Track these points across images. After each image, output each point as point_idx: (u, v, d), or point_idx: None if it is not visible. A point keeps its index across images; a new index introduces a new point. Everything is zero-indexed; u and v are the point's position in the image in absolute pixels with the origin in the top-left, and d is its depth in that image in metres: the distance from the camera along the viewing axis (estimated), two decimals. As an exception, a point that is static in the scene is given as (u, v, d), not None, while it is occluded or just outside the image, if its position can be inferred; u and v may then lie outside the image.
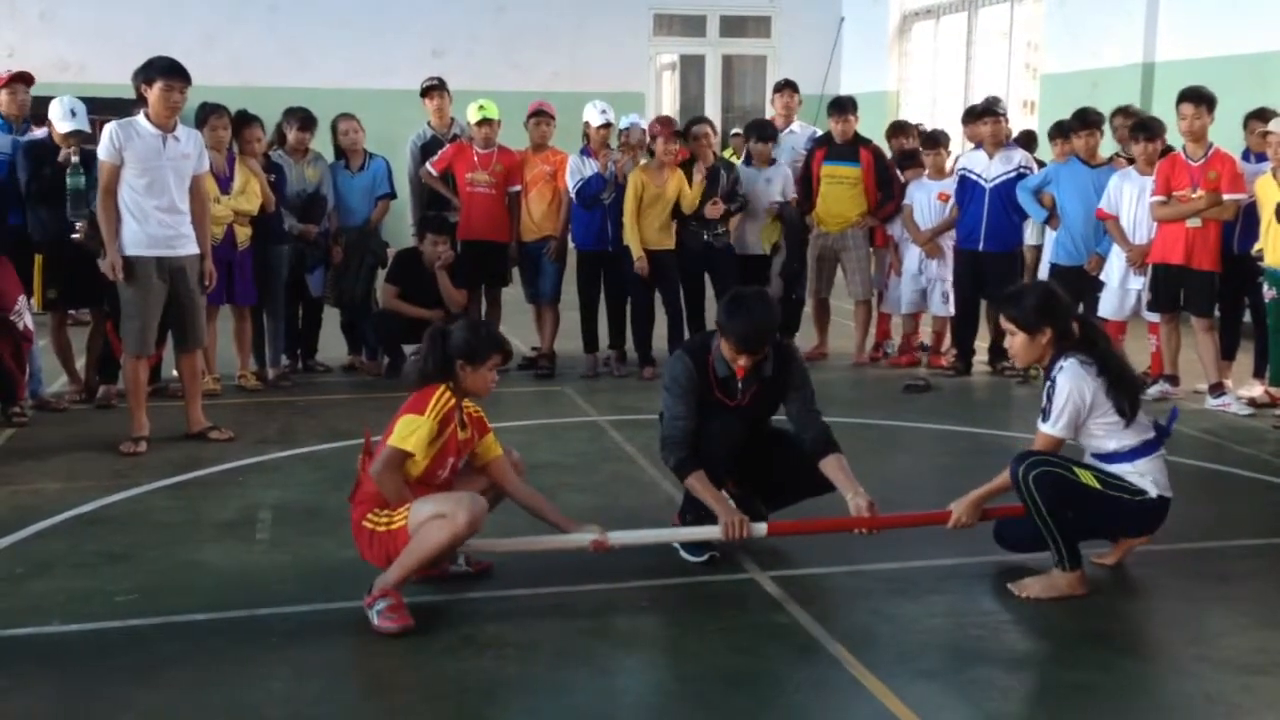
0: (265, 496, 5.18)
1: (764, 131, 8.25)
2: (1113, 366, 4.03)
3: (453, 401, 3.93)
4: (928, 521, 4.34)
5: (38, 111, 7.01)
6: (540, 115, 7.90)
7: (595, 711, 3.25)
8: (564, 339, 8.14)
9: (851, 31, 15.98)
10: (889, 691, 3.33)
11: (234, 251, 7.04)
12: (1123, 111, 8.25)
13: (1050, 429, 4.05)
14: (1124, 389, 4.01)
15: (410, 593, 3.86)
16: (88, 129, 6.53)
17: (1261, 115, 7.22)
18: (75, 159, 6.25)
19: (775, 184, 8.14)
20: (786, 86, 8.85)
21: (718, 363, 4.32)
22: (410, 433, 3.82)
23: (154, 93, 5.66)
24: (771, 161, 8.20)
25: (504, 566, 4.22)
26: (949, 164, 8.29)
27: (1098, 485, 3.99)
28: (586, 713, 3.24)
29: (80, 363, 7.08)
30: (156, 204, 5.75)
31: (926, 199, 8.17)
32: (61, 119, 6.48)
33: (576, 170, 7.68)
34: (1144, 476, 4.05)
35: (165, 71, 5.66)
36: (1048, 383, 4.09)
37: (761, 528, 4.20)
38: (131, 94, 5.85)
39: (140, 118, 5.74)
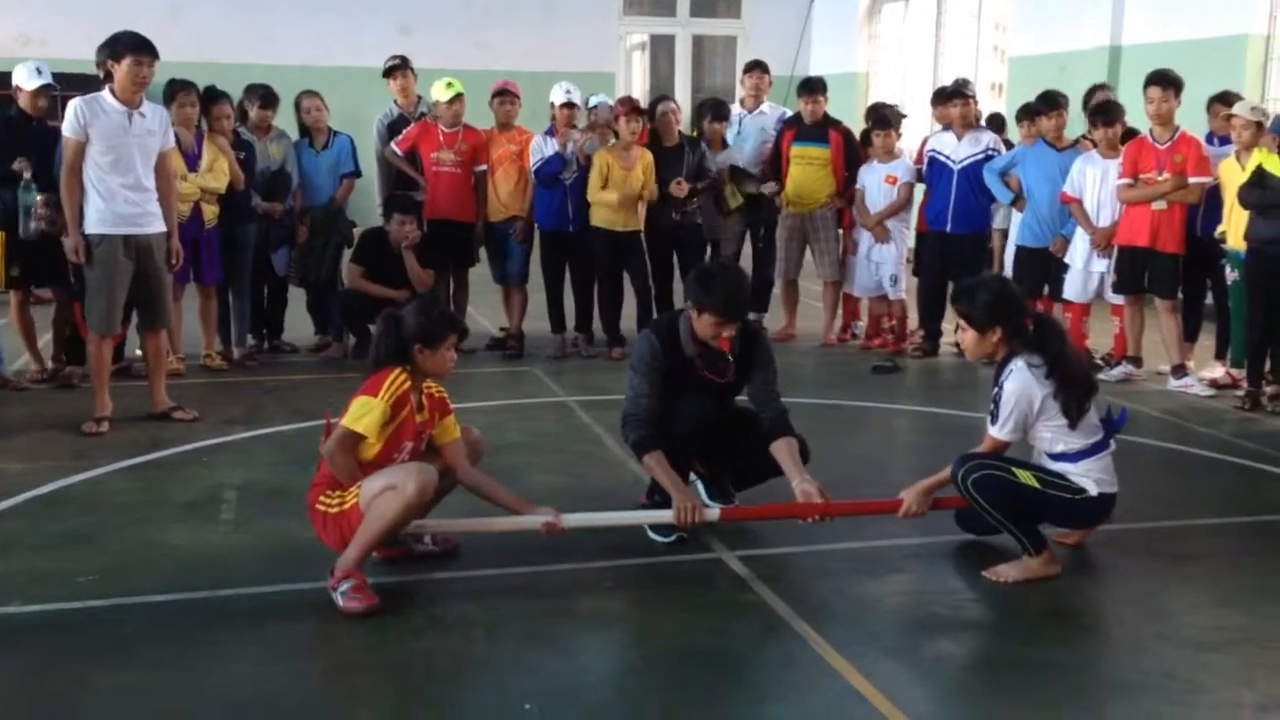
0: (230, 477, 5.15)
1: (719, 111, 8.25)
2: (1062, 368, 4.01)
3: (408, 384, 3.90)
4: (878, 510, 4.36)
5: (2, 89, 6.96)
6: (504, 94, 7.86)
7: (561, 691, 3.26)
8: (533, 319, 8.12)
9: (821, 13, 15.96)
10: (853, 668, 3.35)
11: (201, 230, 6.97)
12: (1101, 88, 8.27)
13: (997, 432, 4.07)
14: (1073, 391, 4.00)
15: (375, 573, 3.86)
16: (56, 86, 6.49)
17: (1225, 99, 7.26)
18: (27, 175, 6.19)
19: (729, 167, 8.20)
20: (756, 67, 8.82)
21: (688, 343, 4.32)
22: (363, 414, 3.81)
23: (122, 68, 5.58)
24: (724, 144, 8.21)
25: (470, 547, 4.21)
26: (901, 145, 8.32)
27: (1037, 485, 4.02)
28: (553, 692, 3.24)
29: (43, 341, 7.00)
30: (122, 181, 5.69)
31: (875, 181, 8.19)
32: (29, 78, 6.45)
33: (538, 150, 7.66)
34: (1086, 477, 4.06)
35: (134, 47, 5.59)
36: (995, 387, 4.11)
37: (715, 513, 4.21)
38: (92, 69, 5.77)
39: (105, 94, 5.66)
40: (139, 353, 6.54)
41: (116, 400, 5.99)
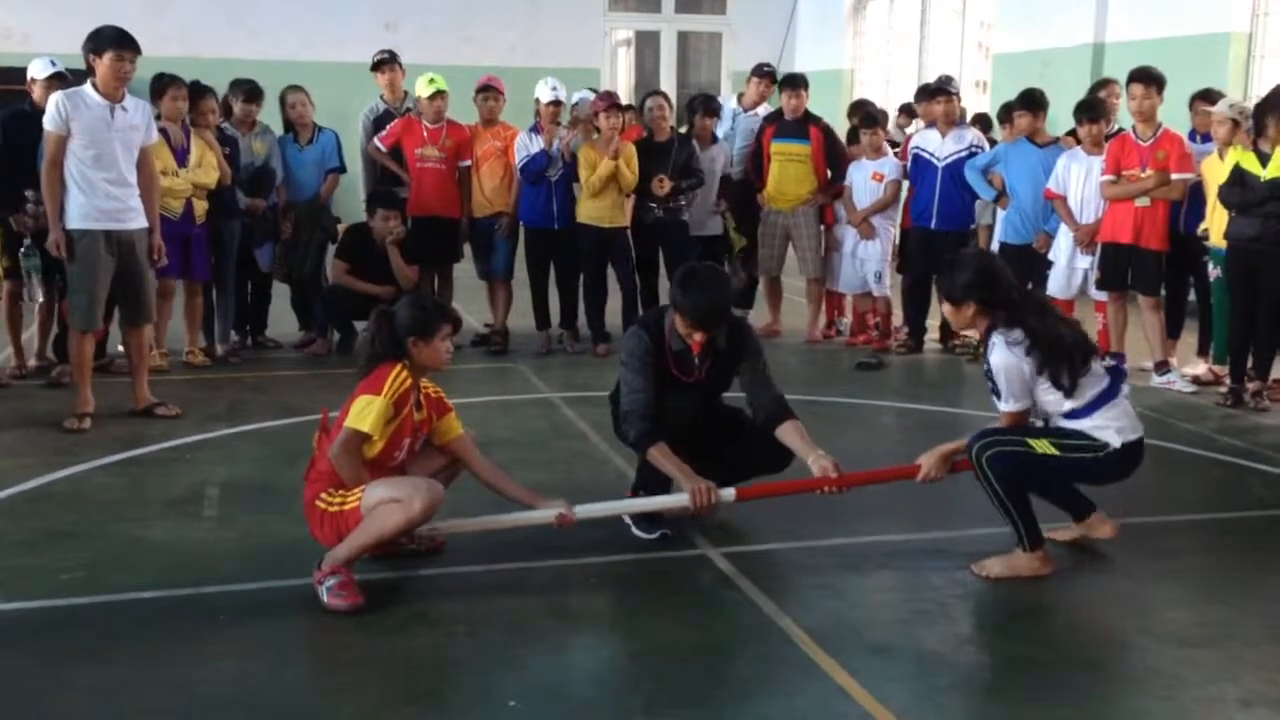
0: (213, 473, 5.12)
1: (709, 105, 8.25)
2: (1043, 341, 3.95)
3: (409, 381, 3.89)
4: (896, 476, 4.30)
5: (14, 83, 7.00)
6: (488, 90, 7.84)
7: (546, 687, 3.25)
8: (518, 316, 8.11)
9: (807, 9, 15.98)
10: (838, 666, 3.35)
11: (192, 226, 6.94)
12: (1106, 84, 8.29)
13: (1007, 406, 4.05)
14: (1058, 361, 3.94)
15: (361, 570, 3.84)
16: (69, 76, 6.50)
17: (1207, 96, 7.30)
18: (28, 240, 6.19)
19: (719, 162, 8.18)
20: (767, 74, 8.81)
21: (672, 338, 4.31)
22: (367, 414, 3.79)
23: (103, 63, 5.55)
24: (714, 139, 8.20)
25: (455, 543, 4.20)
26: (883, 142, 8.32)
27: (1056, 452, 3.97)
28: (538, 689, 3.23)
29: (24, 336, 6.96)
30: (104, 176, 5.65)
31: (862, 179, 8.19)
32: (43, 68, 6.51)
33: (523, 146, 7.65)
34: (1106, 428, 3.99)
35: (115, 42, 5.55)
36: (985, 366, 4.11)
37: (730, 493, 4.14)
38: (78, 63, 5.74)
39: (87, 88, 5.63)
40: (120, 349, 6.50)
41: (99, 396, 5.96)
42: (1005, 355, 3.98)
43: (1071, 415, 4.05)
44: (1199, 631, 3.65)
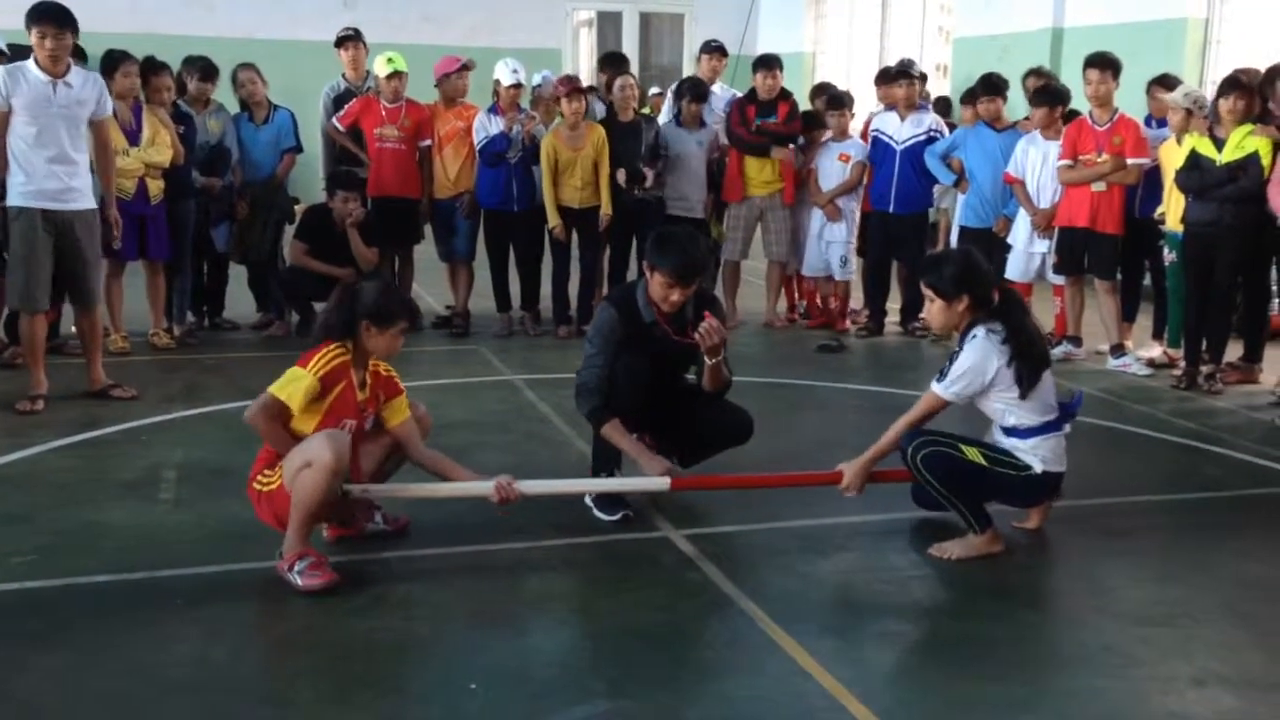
0: (170, 456, 5.07)
1: (698, 90, 8.17)
2: (1021, 338, 4.04)
3: (341, 360, 3.84)
4: (819, 482, 4.38)
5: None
6: (465, 70, 7.76)
7: (508, 670, 3.24)
8: (479, 297, 8.06)
9: (768, -9, 15.97)
10: (799, 646, 3.37)
11: (147, 205, 6.83)
12: (1035, 73, 8.37)
13: (942, 390, 4.09)
14: (1027, 361, 4.03)
15: (322, 553, 3.81)
16: (6, 51, 6.39)
17: (1164, 81, 7.37)
18: None
19: (706, 145, 8.13)
20: (716, 50, 8.77)
21: (646, 310, 4.33)
22: (289, 384, 3.77)
23: (32, 39, 5.46)
24: (702, 123, 8.16)
25: (417, 526, 4.19)
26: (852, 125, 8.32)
27: (984, 462, 4.06)
28: (499, 672, 3.23)
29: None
30: (46, 155, 5.54)
31: (829, 160, 8.19)
32: None
33: (482, 127, 7.58)
34: (1033, 454, 4.10)
35: (35, 17, 5.44)
36: (956, 350, 4.15)
37: (665, 482, 4.20)
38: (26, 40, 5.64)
39: (30, 63, 5.53)
40: (74, 330, 6.41)
41: (53, 378, 5.87)
42: (985, 349, 4.03)
43: (1011, 433, 4.13)
44: (1153, 610, 3.71)
